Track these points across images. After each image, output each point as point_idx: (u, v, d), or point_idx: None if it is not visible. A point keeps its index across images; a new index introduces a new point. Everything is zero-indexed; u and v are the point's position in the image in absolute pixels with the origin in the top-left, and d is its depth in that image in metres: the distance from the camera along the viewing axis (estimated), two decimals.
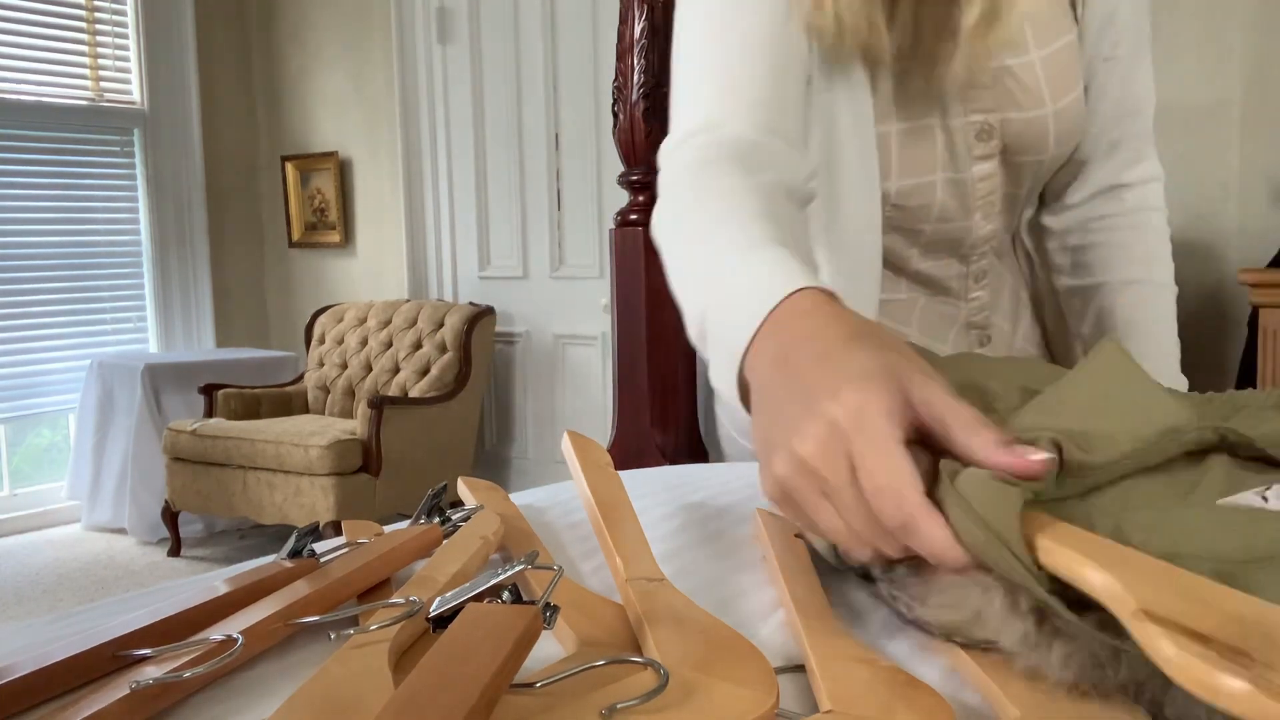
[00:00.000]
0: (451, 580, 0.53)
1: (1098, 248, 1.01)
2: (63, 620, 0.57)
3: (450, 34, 4.25)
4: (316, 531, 0.62)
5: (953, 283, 0.97)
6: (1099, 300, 1.00)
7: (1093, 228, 1.01)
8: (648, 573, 0.53)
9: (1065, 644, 0.41)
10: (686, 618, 0.47)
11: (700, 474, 0.92)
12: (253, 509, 3.57)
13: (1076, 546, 0.39)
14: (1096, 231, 1.01)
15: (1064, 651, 0.41)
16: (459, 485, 0.78)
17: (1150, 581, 0.37)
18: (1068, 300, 1.04)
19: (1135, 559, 0.39)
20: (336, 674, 0.40)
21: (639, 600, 0.49)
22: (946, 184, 0.91)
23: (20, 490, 4.27)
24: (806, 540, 0.61)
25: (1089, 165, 0.99)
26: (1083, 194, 1.00)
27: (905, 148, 0.89)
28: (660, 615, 0.47)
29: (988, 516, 0.41)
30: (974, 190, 0.92)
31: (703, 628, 0.46)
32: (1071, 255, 1.02)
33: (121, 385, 3.97)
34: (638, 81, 1.14)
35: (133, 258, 4.51)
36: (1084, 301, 1.02)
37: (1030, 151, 0.91)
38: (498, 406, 4.32)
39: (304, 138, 4.72)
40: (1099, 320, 1.00)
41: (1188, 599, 0.35)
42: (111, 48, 4.40)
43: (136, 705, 0.40)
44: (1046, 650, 0.42)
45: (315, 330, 4.26)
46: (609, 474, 0.71)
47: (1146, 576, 0.37)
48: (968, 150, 0.91)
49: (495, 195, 4.24)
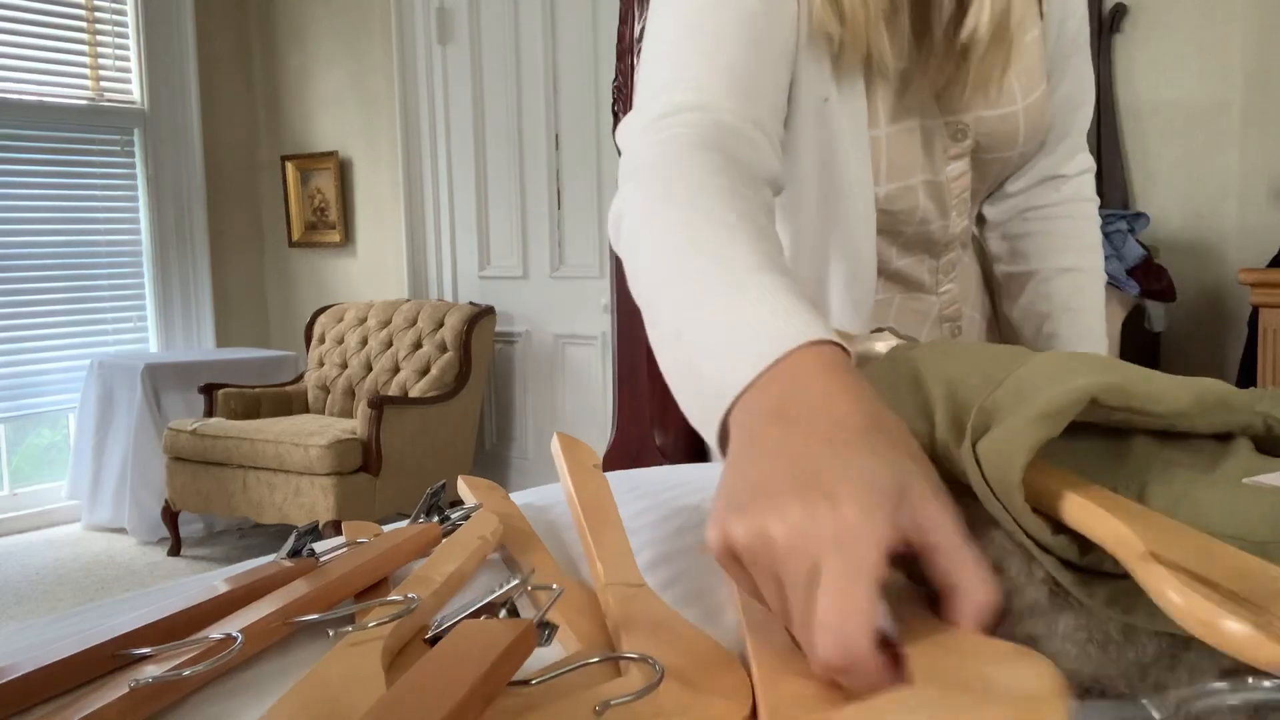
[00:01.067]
0: (448, 580, 0.53)
1: (1034, 236, 1.03)
2: (63, 620, 0.57)
3: (450, 34, 4.25)
4: (316, 531, 0.62)
5: (925, 278, 0.99)
6: (1034, 287, 1.03)
7: (1029, 217, 1.04)
8: (627, 578, 0.53)
9: (1073, 618, 0.41)
10: (663, 625, 0.46)
11: (699, 475, 0.91)
12: (253, 509, 3.57)
13: (1089, 496, 0.40)
14: (1033, 220, 1.03)
15: (1070, 625, 0.41)
16: (459, 484, 0.78)
17: (1159, 530, 0.37)
18: (1004, 286, 1.07)
19: (1146, 512, 0.39)
20: (328, 675, 0.40)
21: (616, 606, 0.49)
22: (925, 186, 0.92)
23: (20, 490, 4.28)
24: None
25: (1035, 156, 1.02)
26: (1022, 184, 1.03)
27: (891, 152, 0.90)
28: (636, 622, 0.47)
29: (991, 474, 0.41)
30: (949, 190, 0.94)
31: (679, 635, 0.45)
32: (1009, 244, 1.05)
33: (121, 385, 3.97)
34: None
35: (133, 258, 4.51)
36: (1019, 288, 1.05)
37: (1000, 148, 0.93)
38: (497, 406, 4.32)
39: (304, 137, 4.72)
40: (1033, 305, 1.03)
41: (1195, 550, 0.35)
42: (111, 48, 4.40)
43: (136, 704, 0.40)
44: (1054, 621, 0.42)
45: (315, 330, 4.26)
46: (596, 476, 0.70)
47: (1156, 525, 0.37)
48: (943, 151, 0.92)
49: (495, 195, 4.24)
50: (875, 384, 0.51)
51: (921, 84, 0.88)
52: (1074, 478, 0.42)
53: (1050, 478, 0.42)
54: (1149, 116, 2.86)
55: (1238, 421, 0.46)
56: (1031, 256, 1.03)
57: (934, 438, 0.48)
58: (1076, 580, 0.40)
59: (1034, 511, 0.41)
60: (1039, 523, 0.41)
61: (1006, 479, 0.41)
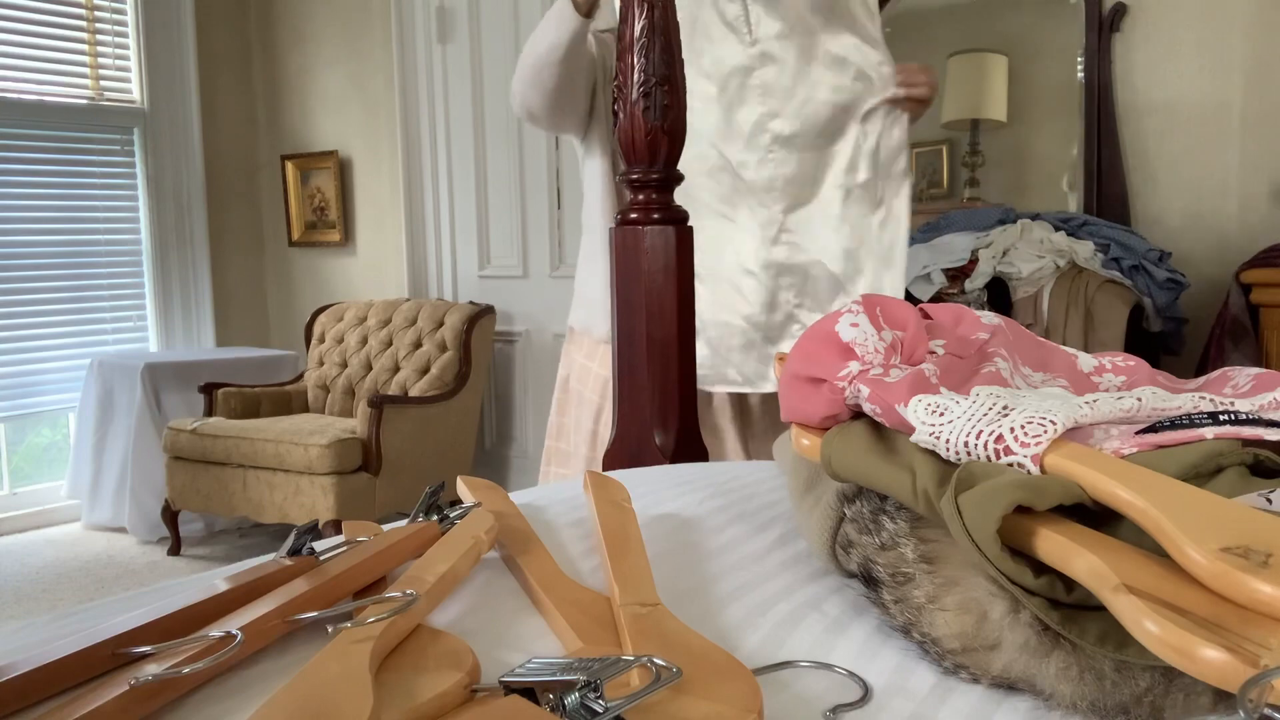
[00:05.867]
0: (441, 580, 0.53)
1: None
2: (63, 619, 0.57)
3: (450, 34, 4.25)
4: (316, 530, 0.62)
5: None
6: None
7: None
8: (642, 598, 0.53)
9: (1065, 655, 0.41)
10: (674, 640, 0.47)
11: (698, 474, 0.92)
12: (252, 508, 3.57)
13: (1062, 531, 0.40)
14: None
15: (1062, 663, 0.41)
16: (458, 484, 0.78)
17: (1131, 561, 0.37)
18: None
19: (1119, 544, 0.39)
20: (316, 676, 0.40)
21: (629, 624, 0.49)
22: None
23: (20, 489, 4.27)
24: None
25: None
26: None
27: None
28: (648, 639, 0.47)
29: (971, 523, 0.42)
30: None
31: (689, 649, 0.46)
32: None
33: (121, 384, 3.97)
34: (638, 80, 1.14)
35: (133, 257, 4.51)
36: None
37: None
38: (498, 406, 4.32)
39: (304, 137, 4.72)
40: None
41: (1168, 579, 0.36)
42: (111, 47, 4.40)
43: (136, 702, 0.40)
44: (1045, 659, 0.42)
45: (315, 329, 4.26)
46: (625, 509, 0.70)
47: (1128, 557, 0.38)
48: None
49: (495, 195, 4.24)
50: (861, 429, 0.54)
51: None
52: (1048, 515, 0.43)
53: (1026, 518, 0.43)
54: (1149, 116, 2.86)
55: (1228, 462, 0.47)
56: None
57: (915, 487, 0.49)
58: (1064, 619, 0.41)
59: (1015, 554, 0.42)
60: (1019, 567, 0.41)
61: (985, 530, 0.41)
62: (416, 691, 0.41)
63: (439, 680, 0.42)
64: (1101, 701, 0.40)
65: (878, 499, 0.55)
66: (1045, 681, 0.42)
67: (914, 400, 0.54)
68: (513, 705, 0.39)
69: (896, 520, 0.52)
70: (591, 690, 0.38)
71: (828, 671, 0.49)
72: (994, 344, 0.65)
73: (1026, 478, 0.45)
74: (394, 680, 0.42)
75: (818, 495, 0.62)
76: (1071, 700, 0.41)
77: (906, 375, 0.57)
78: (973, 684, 0.46)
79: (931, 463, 0.51)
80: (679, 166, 1.19)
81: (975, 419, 0.50)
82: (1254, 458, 0.47)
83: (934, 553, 0.49)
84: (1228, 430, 0.49)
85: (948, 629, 0.47)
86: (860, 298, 0.65)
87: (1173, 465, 0.46)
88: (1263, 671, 0.29)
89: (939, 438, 0.51)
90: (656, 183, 1.18)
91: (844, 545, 0.58)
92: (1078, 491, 0.43)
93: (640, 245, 1.19)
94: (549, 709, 0.38)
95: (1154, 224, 2.84)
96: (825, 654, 0.51)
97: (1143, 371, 0.67)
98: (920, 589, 0.49)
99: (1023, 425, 0.48)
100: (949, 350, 0.63)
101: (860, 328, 0.62)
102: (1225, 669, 0.30)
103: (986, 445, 0.49)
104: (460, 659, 0.44)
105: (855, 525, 0.56)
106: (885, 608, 0.52)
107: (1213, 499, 0.40)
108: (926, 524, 0.51)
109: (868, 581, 0.55)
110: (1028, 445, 0.47)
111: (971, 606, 0.45)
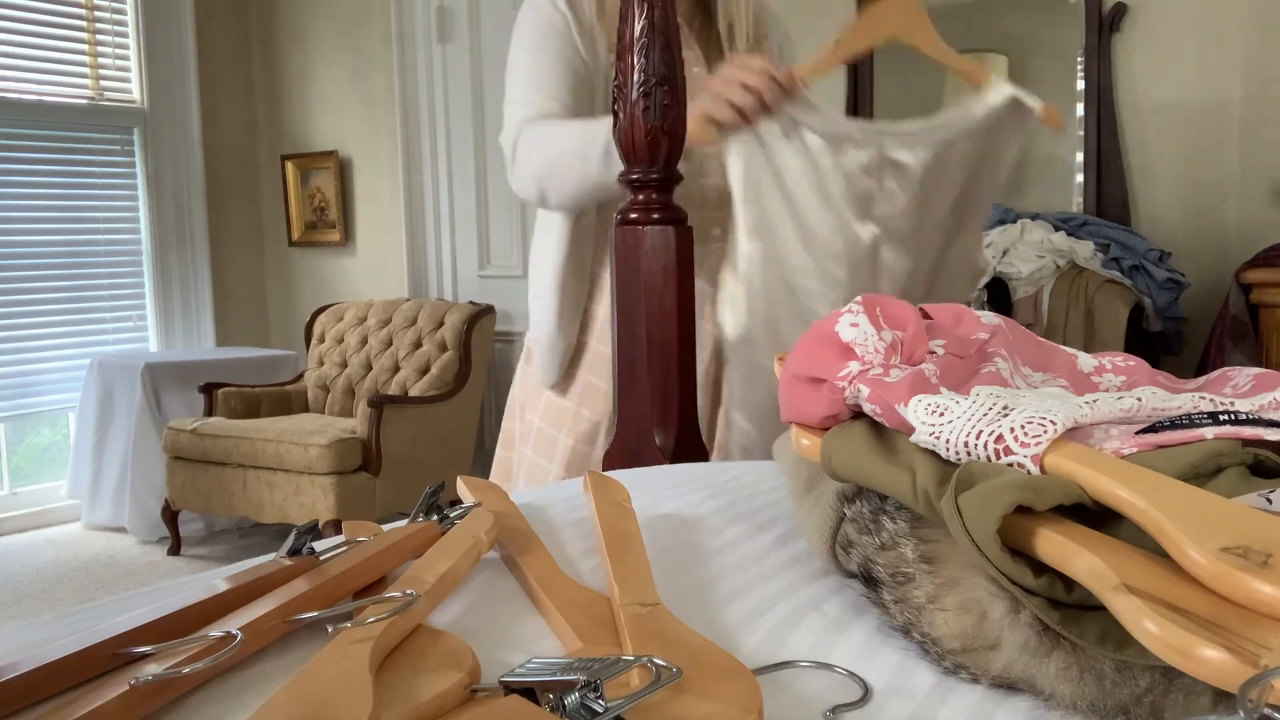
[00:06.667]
0: (441, 580, 0.53)
1: None
2: (63, 619, 0.57)
3: (450, 34, 4.25)
4: (315, 530, 0.62)
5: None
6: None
7: None
8: (642, 598, 0.53)
9: (1065, 655, 0.41)
10: (674, 640, 0.47)
11: (698, 474, 0.92)
12: (252, 508, 3.57)
13: (1062, 531, 0.40)
14: None
15: (1062, 663, 0.41)
16: (458, 484, 0.78)
17: (1132, 561, 0.37)
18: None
19: (1119, 544, 0.40)
20: (316, 676, 0.40)
21: (629, 624, 0.49)
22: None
23: (20, 489, 4.27)
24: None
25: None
26: None
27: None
28: (648, 639, 0.47)
29: (971, 523, 0.42)
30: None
31: (689, 649, 0.46)
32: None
33: (121, 384, 3.97)
34: (638, 80, 1.15)
35: (133, 257, 4.51)
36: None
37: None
38: (498, 406, 4.32)
39: (304, 137, 4.72)
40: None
41: (1167, 578, 0.36)
42: (111, 47, 4.39)
43: (136, 702, 0.40)
44: (1045, 659, 0.42)
45: (315, 329, 4.26)
46: (625, 509, 0.70)
47: (1128, 556, 0.38)
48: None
49: (495, 195, 4.24)
50: (861, 429, 0.55)
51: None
52: (1048, 515, 0.43)
53: (1026, 518, 0.43)
54: (1149, 116, 2.86)
55: (1233, 462, 0.47)
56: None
57: (915, 487, 0.49)
58: (1065, 619, 0.41)
59: (1015, 554, 0.42)
60: (1019, 568, 0.41)
61: (985, 530, 0.41)
62: (416, 692, 0.41)
63: (439, 680, 0.42)
64: (1101, 701, 0.40)
65: (878, 499, 0.55)
66: (1045, 681, 0.42)
67: (914, 400, 0.54)
68: (513, 705, 0.39)
69: (896, 520, 0.52)
70: (591, 690, 0.38)
71: (828, 671, 0.49)
72: (994, 344, 0.65)
73: (1026, 478, 0.45)
74: (394, 680, 0.42)
75: (818, 495, 0.62)
76: (1071, 700, 0.41)
77: (906, 375, 0.57)
78: (973, 684, 0.46)
79: (931, 463, 0.51)
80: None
81: (975, 419, 0.50)
82: (1254, 458, 0.47)
83: (934, 553, 0.49)
84: (1228, 430, 0.49)
85: (948, 629, 0.47)
86: (860, 298, 0.65)
87: (1173, 465, 0.46)
88: (1263, 671, 0.29)
89: (939, 438, 0.51)
90: (656, 183, 1.18)
91: (844, 545, 0.58)
92: (1078, 491, 0.44)
93: (640, 245, 1.19)
94: (549, 709, 0.38)
95: (1154, 224, 2.84)
96: (825, 654, 0.51)
97: (1143, 371, 0.67)
98: (920, 589, 0.49)
99: (1023, 425, 0.49)
100: (949, 350, 0.63)
101: (860, 328, 0.62)
102: (1225, 669, 0.31)
103: (986, 445, 0.49)
104: (460, 659, 0.44)
105: (855, 525, 0.56)
106: (885, 608, 0.52)
107: (1213, 499, 0.40)
108: (926, 524, 0.51)
109: (868, 581, 0.55)
110: (1028, 445, 0.48)
111: (971, 606, 0.45)
